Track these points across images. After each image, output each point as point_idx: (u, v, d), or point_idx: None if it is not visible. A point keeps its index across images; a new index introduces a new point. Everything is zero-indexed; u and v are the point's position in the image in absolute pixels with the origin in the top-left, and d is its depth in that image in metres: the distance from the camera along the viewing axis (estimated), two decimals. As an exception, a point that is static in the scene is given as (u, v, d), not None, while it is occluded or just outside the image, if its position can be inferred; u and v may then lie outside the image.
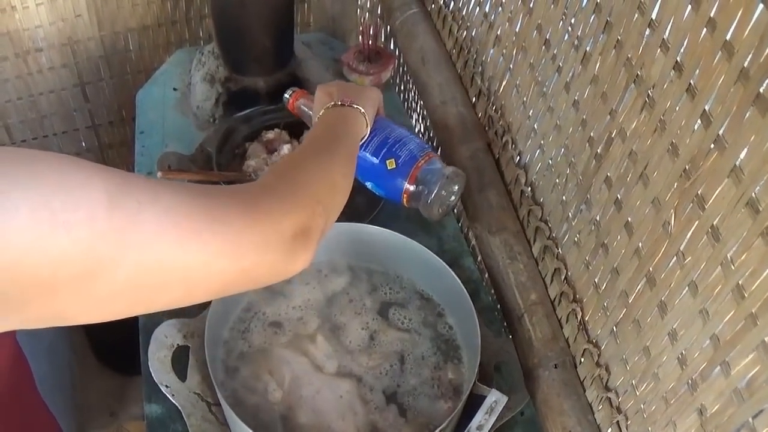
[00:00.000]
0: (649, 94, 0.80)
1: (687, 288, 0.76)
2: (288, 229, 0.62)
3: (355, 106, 0.95)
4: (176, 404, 0.97)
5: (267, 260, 0.62)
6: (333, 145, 0.84)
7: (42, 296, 0.50)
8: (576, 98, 0.95)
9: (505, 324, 1.13)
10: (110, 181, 0.52)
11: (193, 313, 1.06)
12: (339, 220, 1.11)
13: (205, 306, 1.03)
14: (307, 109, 1.12)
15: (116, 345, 1.51)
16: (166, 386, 0.99)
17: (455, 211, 1.36)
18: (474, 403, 0.95)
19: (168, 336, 1.03)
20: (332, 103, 0.95)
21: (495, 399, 0.93)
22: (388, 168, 1.03)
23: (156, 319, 1.05)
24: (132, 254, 0.52)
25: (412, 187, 1.03)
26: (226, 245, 0.58)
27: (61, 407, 1.56)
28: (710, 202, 0.72)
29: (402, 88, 1.64)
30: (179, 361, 1.02)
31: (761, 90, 0.64)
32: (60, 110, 1.75)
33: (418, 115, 1.56)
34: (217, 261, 0.58)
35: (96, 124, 1.82)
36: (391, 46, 1.60)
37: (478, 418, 0.92)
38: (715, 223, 0.71)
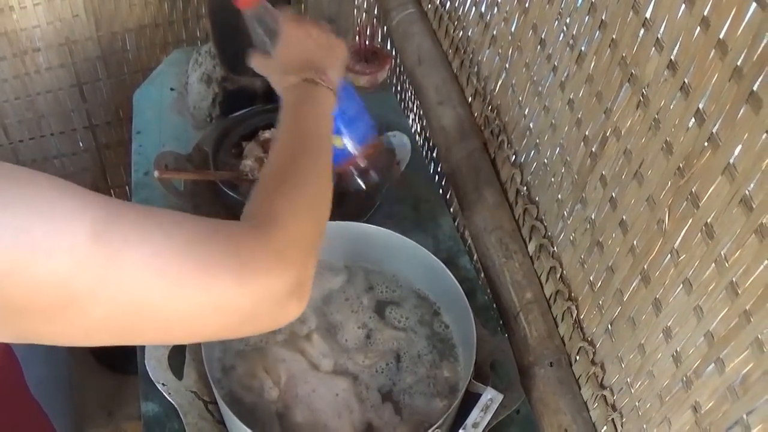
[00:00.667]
0: (643, 93, 0.80)
1: (681, 285, 0.76)
2: (282, 289, 0.58)
3: (308, 77, 0.84)
4: (173, 402, 0.97)
5: (256, 319, 0.59)
6: (308, 148, 0.77)
7: (16, 318, 0.49)
8: (571, 97, 0.95)
9: (501, 322, 1.13)
10: (100, 213, 0.50)
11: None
12: (334, 219, 1.12)
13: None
14: (260, 29, 0.97)
15: (114, 345, 1.51)
16: (163, 384, 0.99)
17: (451, 210, 1.36)
18: (470, 401, 0.96)
19: (165, 334, 1.03)
20: (305, 77, 0.84)
21: (490, 397, 0.93)
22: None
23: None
24: (109, 292, 0.50)
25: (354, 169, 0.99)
26: (212, 302, 0.55)
27: (59, 407, 1.57)
28: (704, 199, 0.72)
29: (399, 88, 1.65)
30: (176, 359, 1.02)
31: (754, 88, 0.64)
32: (57, 110, 1.75)
33: (415, 115, 1.56)
34: (201, 314, 0.55)
35: (93, 124, 1.82)
36: (388, 47, 1.60)
37: (474, 415, 0.92)
38: (709, 220, 0.71)
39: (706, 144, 0.71)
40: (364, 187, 1.00)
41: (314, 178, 0.73)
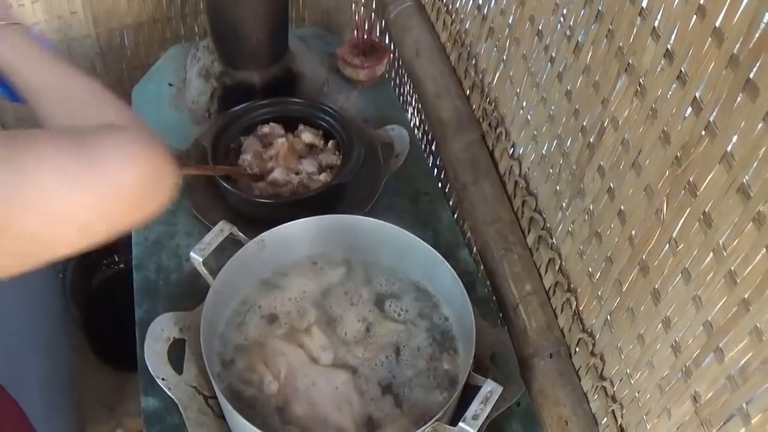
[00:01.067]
0: (640, 83, 0.80)
1: (680, 275, 0.76)
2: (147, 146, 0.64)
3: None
4: (173, 397, 0.97)
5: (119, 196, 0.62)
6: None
7: None
8: (569, 88, 0.95)
9: (501, 315, 1.13)
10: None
11: (190, 306, 1.06)
12: (334, 212, 1.12)
13: (201, 299, 1.03)
14: None
15: (115, 341, 1.51)
16: (163, 379, 0.99)
17: (450, 202, 1.36)
18: (470, 393, 0.95)
19: (164, 329, 1.03)
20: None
21: (490, 389, 0.93)
22: None
23: (152, 313, 1.06)
24: (23, 200, 0.55)
25: None
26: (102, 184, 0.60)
27: (61, 404, 1.57)
28: (702, 188, 0.72)
29: (397, 81, 1.64)
30: (175, 354, 1.02)
31: (751, 76, 0.64)
32: (56, 107, 1.74)
33: (414, 109, 1.56)
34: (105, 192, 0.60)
35: (93, 121, 1.82)
36: (386, 40, 1.60)
37: (474, 407, 0.91)
38: (706, 209, 0.71)
39: (703, 133, 0.71)
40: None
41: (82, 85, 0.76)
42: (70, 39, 1.63)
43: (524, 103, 1.08)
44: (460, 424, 0.90)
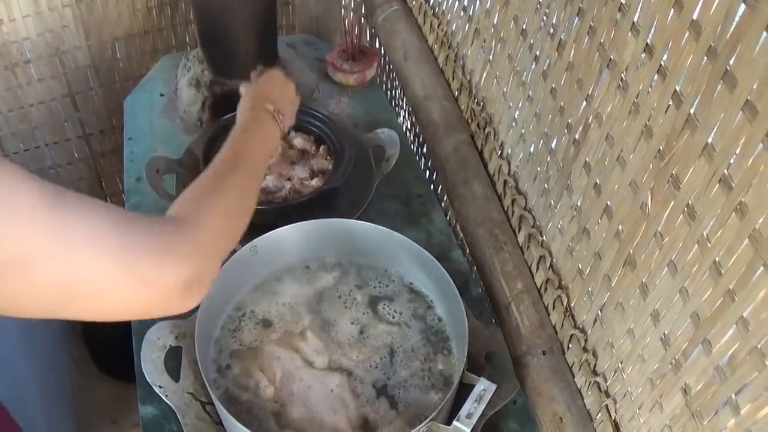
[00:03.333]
0: (622, 78, 0.80)
1: (666, 268, 0.76)
2: (188, 275, 0.66)
3: (266, 106, 1.00)
4: (170, 405, 0.98)
5: (163, 296, 0.65)
6: (242, 168, 0.86)
7: None
8: (553, 86, 0.96)
9: (494, 313, 1.13)
10: (48, 187, 0.58)
11: (185, 314, 1.06)
12: (327, 216, 1.13)
13: (196, 308, 1.03)
14: None
15: (116, 353, 1.52)
16: (160, 387, 0.99)
17: (443, 204, 1.36)
18: (465, 392, 0.96)
19: (160, 337, 1.03)
20: (265, 107, 1.00)
21: (483, 387, 0.93)
22: None
23: (149, 322, 1.06)
24: (60, 251, 0.57)
25: None
26: (136, 273, 0.62)
27: (62, 418, 1.57)
28: (685, 181, 0.72)
29: (389, 84, 1.65)
30: (172, 362, 1.02)
31: (728, 67, 0.65)
32: (50, 121, 1.75)
33: (405, 111, 1.57)
34: (126, 285, 0.62)
35: (87, 134, 1.82)
36: (377, 45, 1.60)
37: (468, 406, 0.92)
38: (690, 201, 0.72)
39: (684, 125, 0.71)
40: None
41: (239, 193, 0.82)
42: (62, 52, 1.64)
43: (511, 103, 1.08)
44: (455, 422, 0.90)
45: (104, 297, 0.62)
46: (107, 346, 1.80)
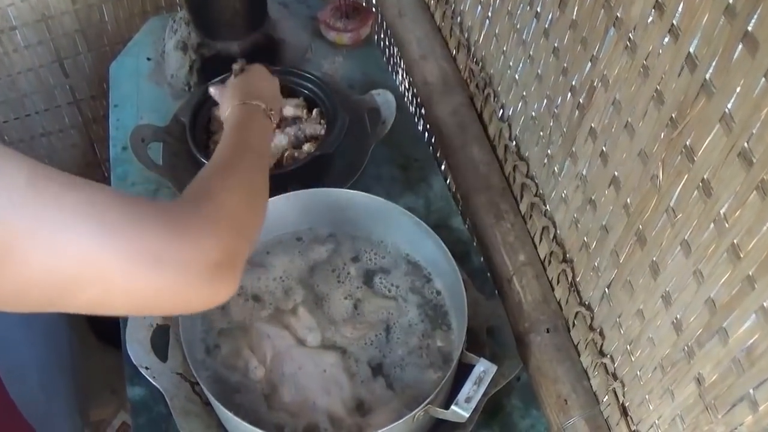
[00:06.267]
0: (630, 38, 0.74)
1: (679, 247, 0.71)
2: (213, 252, 0.57)
3: (257, 103, 0.93)
4: (158, 387, 0.94)
5: (188, 282, 0.57)
6: (248, 155, 0.79)
7: None
8: (555, 45, 0.90)
9: (495, 288, 1.08)
10: (37, 167, 0.52)
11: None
12: (318, 186, 1.07)
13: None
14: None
15: (115, 322, 1.48)
16: (147, 368, 0.96)
17: (442, 168, 1.30)
18: (466, 371, 0.91)
19: (146, 317, 0.99)
20: (255, 102, 0.93)
21: (483, 369, 0.88)
22: None
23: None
24: (46, 232, 0.51)
25: None
26: (144, 251, 0.54)
27: (61, 388, 1.55)
28: (699, 153, 0.66)
29: (386, 42, 1.58)
30: (160, 341, 0.99)
31: (749, 28, 0.58)
32: (40, 88, 1.69)
33: (403, 71, 1.50)
34: (134, 267, 0.53)
35: (78, 99, 1.77)
36: (373, 0, 1.53)
37: (466, 389, 0.87)
38: (705, 176, 0.66)
39: (699, 92, 0.65)
40: None
41: (251, 173, 0.75)
42: (48, 18, 1.58)
43: (511, 62, 1.02)
44: (453, 407, 0.86)
45: (109, 284, 0.54)
46: (106, 316, 1.77)
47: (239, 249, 0.62)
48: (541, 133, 0.96)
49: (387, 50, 1.58)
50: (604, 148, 0.82)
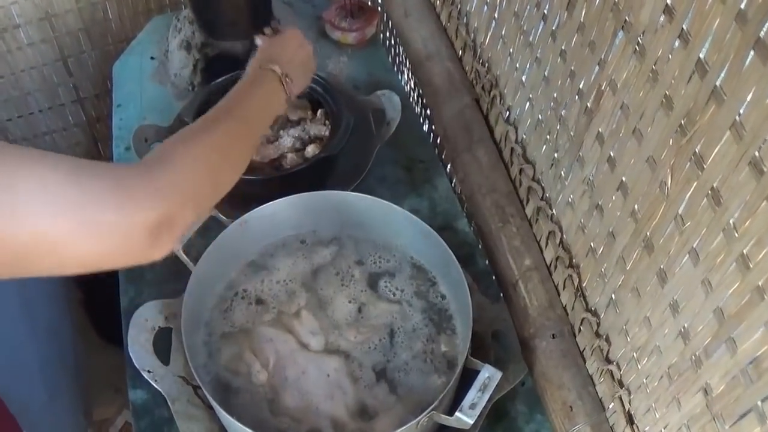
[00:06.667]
0: (638, 42, 0.73)
1: (687, 256, 0.70)
2: (151, 218, 0.64)
3: (273, 67, 0.93)
4: (160, 390, 0.94)
5: (129, 245, 0.64)
6: (230, 121, 0.81)
7: None
8: (563, 48, 0.88)
9: (500, 292, 1.07)
10: None
11: (179, 289, 1.01)
12: (322, 188, 1.06)
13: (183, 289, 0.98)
14: None
15: (118, 320, 1.48)
16: (149, 371, 0.95)
17: (448, 169, 1.29)
18: (470, 377, 0.90)
19: (148, 319, 0.99)
20: (273, 68, 0.93)
21: (488, 375, 0.87)
22: None
23: (138, 300, 1.01)
24: (4, 210, 0.56)
25: None
26: (91, 223, 0.60)
27: (64, 388, 1.55)
28: (709, 160, 0.65)
29: (392, 42, 1.56)
30: (162, 343, 0.98)
31: (761, 34, 0.57)
32: (43, 86, 1.69)
33: (408, 71, 1.49)
34: (83, 239, 0.60)
35: (81, 98, 1.76)
36: (378, 0, 1.52)
37: (471, 396, 0.86)
38: (715, 184, 0.65)
39: (709, 98, 0.64)
40: None
41: (229, 139, 0.78)
42: (52, 16, 1.58)
43: (518, 64, 1.01)
44: (457, 414, 0.85)
45: (63, 253, 0.60)
46: (109, 314, 1.76)
47: (180, 216, 0.67)
48: (548, 137, 0.95)
49: (392, 50, 1.57)
50: (611, 153, 0.81)
